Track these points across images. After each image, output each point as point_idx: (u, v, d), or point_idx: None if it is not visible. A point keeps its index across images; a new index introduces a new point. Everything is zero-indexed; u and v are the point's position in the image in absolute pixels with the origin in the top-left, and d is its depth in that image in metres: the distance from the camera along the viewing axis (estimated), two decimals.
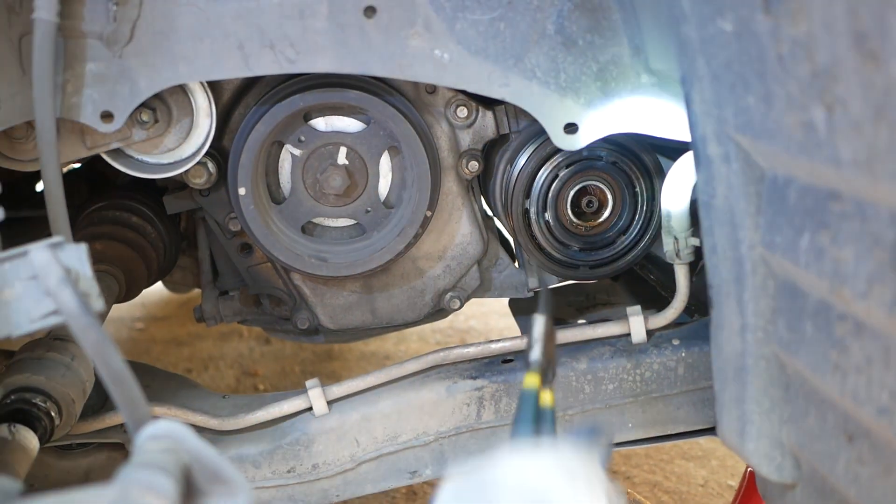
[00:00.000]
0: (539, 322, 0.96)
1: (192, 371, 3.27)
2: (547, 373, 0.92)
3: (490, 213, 1.70)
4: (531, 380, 0.90)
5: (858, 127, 0.64)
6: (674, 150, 1.49)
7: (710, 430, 1.40)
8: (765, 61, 0.74)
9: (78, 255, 0.87)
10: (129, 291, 1.58)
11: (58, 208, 1.11)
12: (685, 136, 1.22)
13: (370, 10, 1.17)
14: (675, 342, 1.37)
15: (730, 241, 0.91)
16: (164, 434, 0.71)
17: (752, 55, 0.76)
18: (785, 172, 0.80)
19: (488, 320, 3.70)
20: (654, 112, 1.23)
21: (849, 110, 0.65)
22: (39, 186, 2.13)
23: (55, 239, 0.87)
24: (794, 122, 0.73)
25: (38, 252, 0.83)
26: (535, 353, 0.92)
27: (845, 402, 0.77)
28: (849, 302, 0.72)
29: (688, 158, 1.27)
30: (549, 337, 0.95)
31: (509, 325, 3.60)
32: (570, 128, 1.23)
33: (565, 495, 0.69)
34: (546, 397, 0.87)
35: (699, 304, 1.49)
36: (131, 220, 1.64)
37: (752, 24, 0.74)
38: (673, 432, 1.40)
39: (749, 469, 1.60)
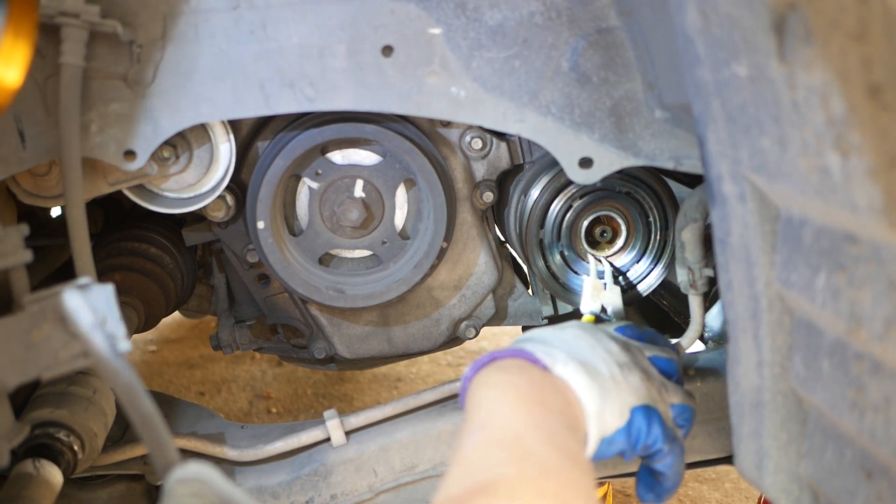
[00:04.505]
0: (587, 283, 1.40)
1: (204, 394, 3.29)
2: (598, 314, 1.38)
3: (503, 239, 1.72)
4: (586, 319, 1.34)
5: (874, 174, 0.65)
6: (688, 175, 1.50)
7: (726, 460, 1.40)
8: (780, 106, 0.75)
9: (105, 297, 0.88)
10: (147, 322, 1.60)
11: (82, 247, 1.12)
12: (699, 170, 1.24)
13: (388, 50, 1.19)
14: (691, 372, 1.37)
15: (745, 277, 0.92)
16: (192, 477, 0.72)
17: (767, 100, 0.77)
18: (800, 213, 0.82)
19: (500, 341, 3.71)
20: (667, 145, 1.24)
21: (864, 158, 0.66)
22: (54, 213, 2.15)
23: (82, 280, 0.88)
24: (810, 166, 0.74)
25: (67, 295, 0.85)
26: (587, 305, 1.39)
27: (863, 439, 0.77)
28: (866, 342, 0.73)
29: (700, 192, 1.29)
30: (596, 290, 1.40)
31: None
32: (585, 162, 1.24)
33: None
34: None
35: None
36: (149, 251, 1.66)
37: (766, 70, 0.75)
38: (688, 461, 1.40)
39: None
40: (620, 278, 1.49)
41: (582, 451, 0.93)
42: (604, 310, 1.41)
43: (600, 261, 1.47)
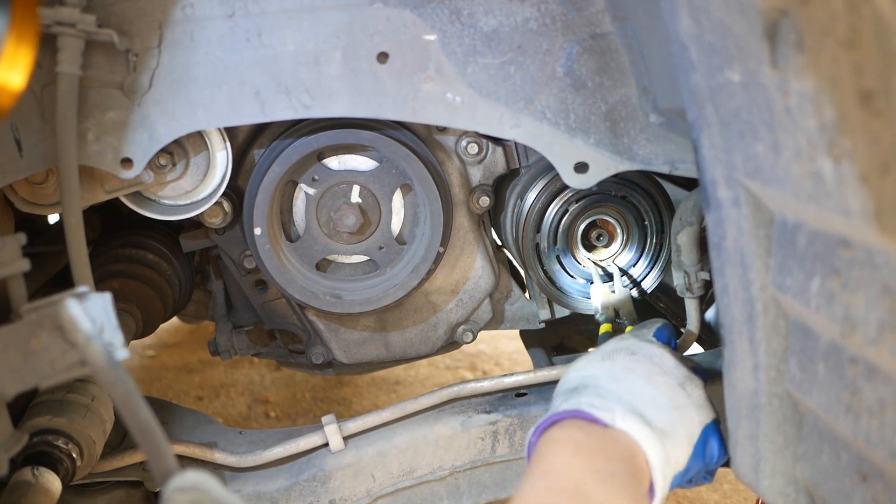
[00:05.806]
0: (595, 289, 1.45)
1: (203, 399, 3.28)
2: (614, 320, 1.42)
3: (500, 243, 1.72)
4: (604, 328, 1.41)
5: (866, 180, 0.66)
6: (684, 177, 1.50)
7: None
8: (773, 112, 0.76)
9: (103, 305, 0.88)
10: (145, 328, 1.60)
11: (80, 255, 1.13)
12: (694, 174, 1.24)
13: (383, 56, 1.19)
14: None
15: (741, 281, 0.92)
16: (191, 486, 0.72)
17: (761, 105, 0.78)
18: (794, 217, 0.82)
19: (497, 343, 3.71)
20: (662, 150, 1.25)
21: (856, 163, 0.66)
22: (52, 220, 2.15)
23: (80, 289, 0.88)
24: (803, 172, 0.74)
25: (65, 304, 0.85)
26: (600, 314, 1.43)
27: (858, 442, 0.78)
28: (860, 346, 0.73)
29: (695, 196, 1.29)
30: (605, 295, 1.44)
31: (518, 348, 3.61)
32: (581, 167, 1.25)
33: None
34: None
35: (710, 336, 1.50)
36: (147, 258, 1.66)
37: (759, 76, 0.76)
38: None
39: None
40: (622, 279, 1.50)
41: (643, 495, 0.95)
42: (616, 314, 1.41)
43: (601, 266, 1.48)
